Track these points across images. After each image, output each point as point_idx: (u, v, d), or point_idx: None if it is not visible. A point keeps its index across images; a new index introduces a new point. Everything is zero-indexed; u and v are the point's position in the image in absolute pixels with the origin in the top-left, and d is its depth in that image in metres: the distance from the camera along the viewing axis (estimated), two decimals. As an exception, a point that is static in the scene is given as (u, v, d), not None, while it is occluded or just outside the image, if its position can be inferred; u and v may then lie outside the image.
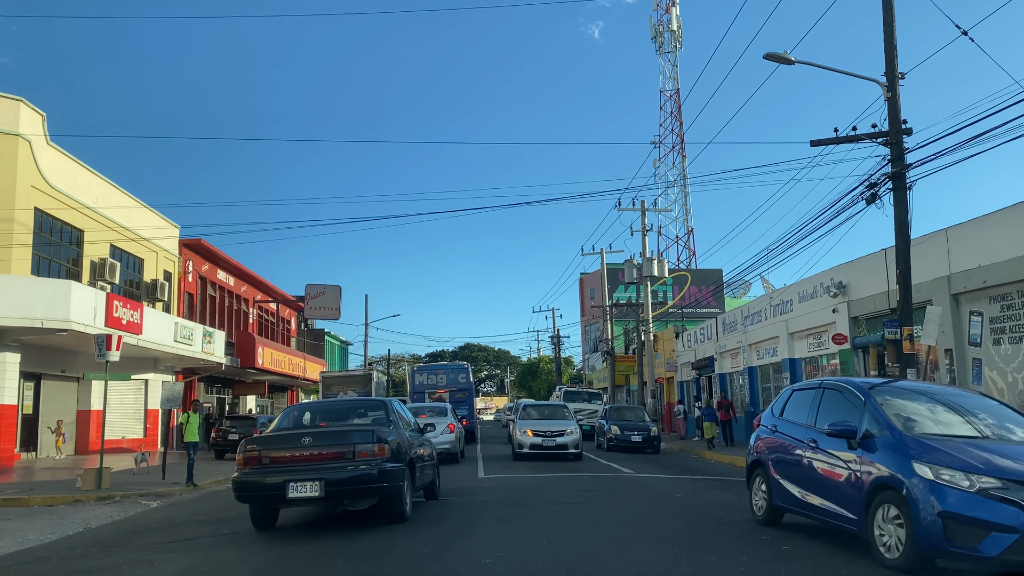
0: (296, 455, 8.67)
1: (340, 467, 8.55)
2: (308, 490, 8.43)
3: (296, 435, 9.03)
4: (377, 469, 8.56)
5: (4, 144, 20.39)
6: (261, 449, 8.83)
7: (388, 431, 9.29)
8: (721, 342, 30.81)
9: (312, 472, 8.49)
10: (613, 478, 15.30)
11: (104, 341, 16.13)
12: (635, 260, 35.98)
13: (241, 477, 8.80)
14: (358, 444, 8.66)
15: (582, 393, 37.02)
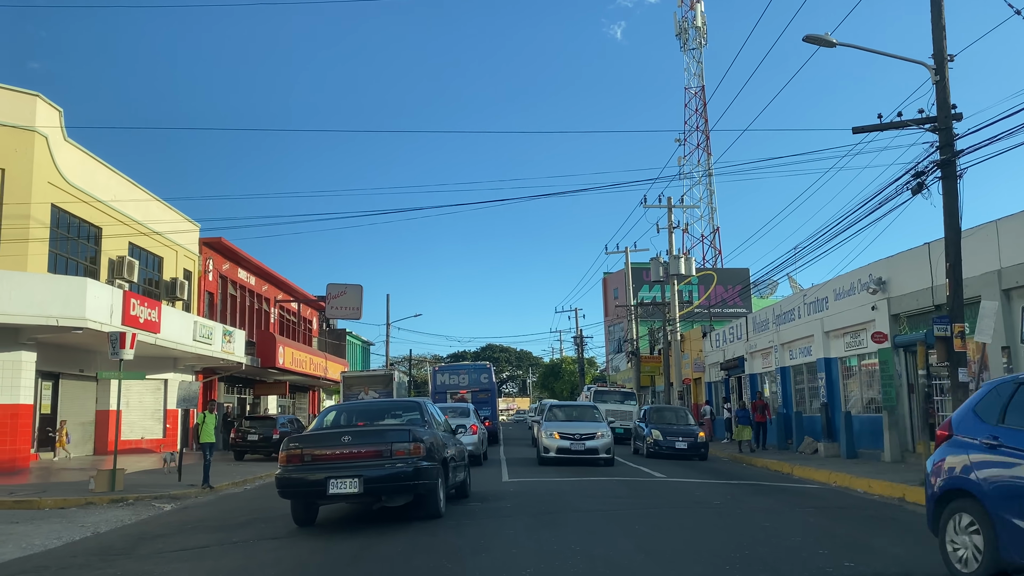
0: (336, 453, 9.01)
1: (378, 465, 8.89)
2: (348, 487, 8.75)
3: (336, 434, 9.37)
4: (413, 467, 8.91)
5: (21, 140, 20.07)
6: (303, 447, 9.17)
7: (423, 431, 9.58)
8: (751, 342, 29.92)
9: (351, 469, 8.84)
10: (644, 483, 14.58)
11: (118, 339, 15.70)
12: (661, 258, 35.15)
13: (284, 474, 9.13)
14: (395, 443, 9.02)
15: (614, 393, 34.29)
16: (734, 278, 61.63)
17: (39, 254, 20.42)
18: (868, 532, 8.97)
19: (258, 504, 13.23)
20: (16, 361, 19.24)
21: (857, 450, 20.76)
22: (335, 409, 11.07)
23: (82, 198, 22.36)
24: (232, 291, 35.44)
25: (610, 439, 18.77)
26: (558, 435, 18.37)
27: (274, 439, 25.55)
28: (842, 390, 22.67)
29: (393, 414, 10.85)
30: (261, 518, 11.00)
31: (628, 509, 10.61)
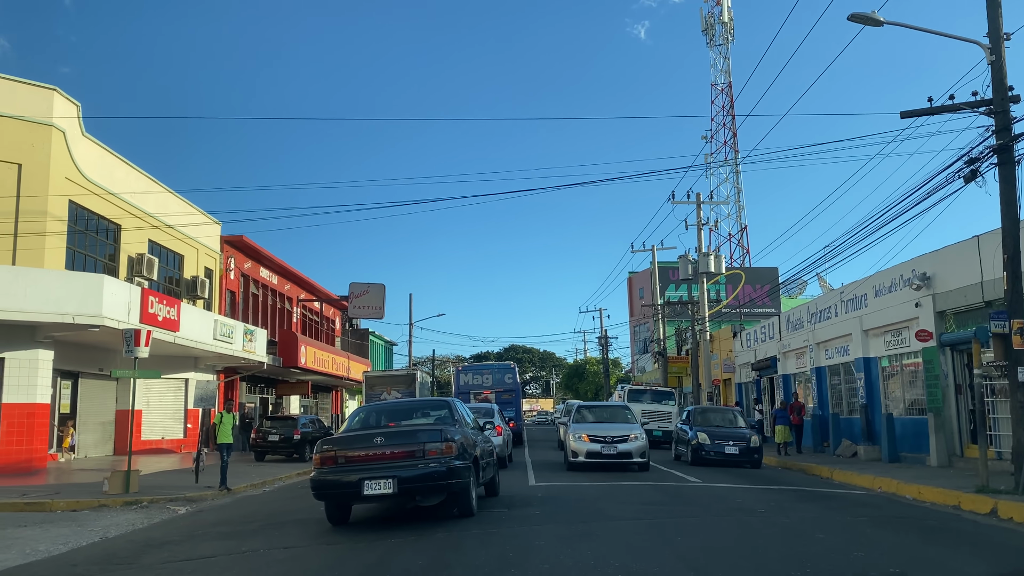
0: (370, 454, 9.12)
1: (411, 465, 9.00)
2: (382, 487, 8.86)
3: (369, 435, 9.43)
4: (446, 466, 9.02)
5: (38, 134, 19.74)
6: (337, 449, 9.28)
7: (454, 430, 9.65)
8: (785, 341, 28.97)
9: (385, 470, 8.95)
10: (678, 488, 13.80)
11: (132, 336, 15.24)
12: (690, 255, 34.24)
13: (319, 476, 9.24)
14: (427, 443, 9.11)
15: (650, 392, 31.04)
16: (762, 277, 60.47)
17: (56, 251, 20.08)
18: (937, 546, 8.17)
19: (275, 508, 12.67)
20: (32, 360, 18.90)
21: (900, 454, 19.81)
22: (365, 410, 11.12)
23: (100, 194, 22.03)
24: (254, 290, 35.10)
25: (644, 442, 17.35)
26: (587, 438, 17.04)
27: (295, 440, 25.09)
28: (882, 391, 21.71)
29: (423, 413, 10.94)
30: (276, 524, 10.42)
31: (667, 517, 9.86)
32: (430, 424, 10.16)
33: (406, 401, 14.82)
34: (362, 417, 10.78)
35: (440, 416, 10.66)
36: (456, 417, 10.63)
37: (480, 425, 12.36)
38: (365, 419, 10.68)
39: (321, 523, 10.12)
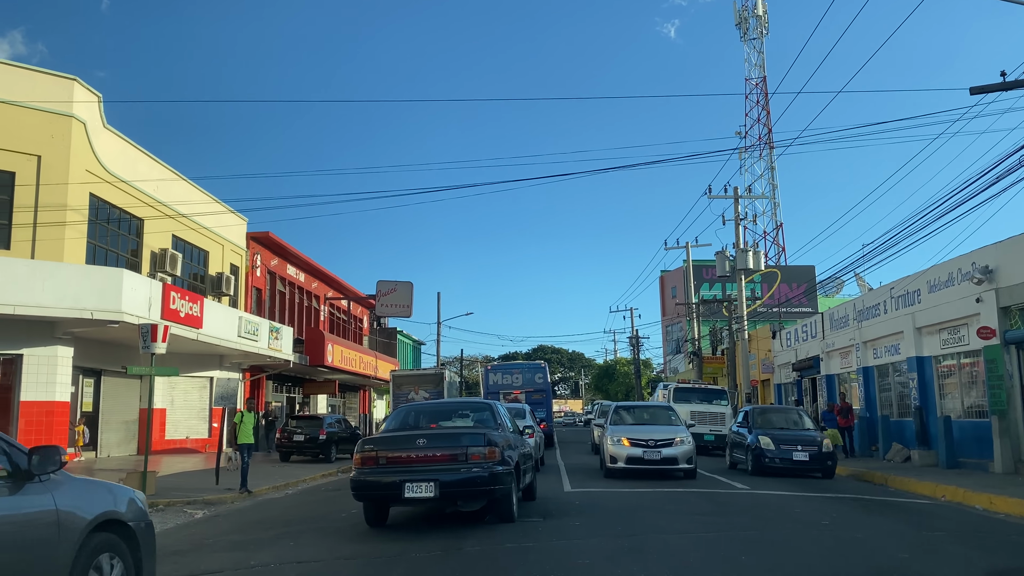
0: (411, 456, 8.93)
1: (454, 469, 8.82)
2: (423, 491, 8.68)
3: (411, 436, 9.28)
4: (488, 472, 8.82)
5: (57, 125, 19.26)
6: (378, 449, 9.12)
7: (497, 434, 9.48)
8: (828, 340, 27.69)
9: (426, 473, 8.76)
10: (728, 496, 12.79)
11: (149, 332, 14.61)
12: (728, 252, 33.04)
13: (359, 476, 9.07)
14: (470, 447, 8.93)
15: (700, 390, 27.73)
16: (799, 276, 58.92)
17: (76, 245, 19.58)
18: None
19: (295, 513, 11.90)
20: (52, 356, 18.42)
21: (958, 459, 18.53)
22: (404, 410, 10.99)
23: (122, 187, 21.52)
24: (281, 287, 34.58)
25: (691, 446, 15.72)
26: (627, 441, 15.54)
27: (320, 440, 24.46)
28: (937, 392, 20.43)
29: (463, 415, 10.79)
30: (293, 532, 9.63)
31: (722, 531, 8.88)
32: (473, 427, 9.96)
33: (447, 402, 14.52)
34: (402, 417, 10.65)
35: (481, 419, 10.44)
36: (498, 420, 10.40)
37: (520, 428, 11.99)
38: (404, 419, 10.55)
39: (340, 532, 9.35)
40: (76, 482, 4.87)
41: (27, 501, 4.34)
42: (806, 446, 16.69)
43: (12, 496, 4.28)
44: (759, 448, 16.84)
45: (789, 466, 16.52)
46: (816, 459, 16.55)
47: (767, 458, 16.62)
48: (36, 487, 4.45)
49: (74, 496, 4.69)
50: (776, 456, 16.57)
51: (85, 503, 4.75)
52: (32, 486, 4.43)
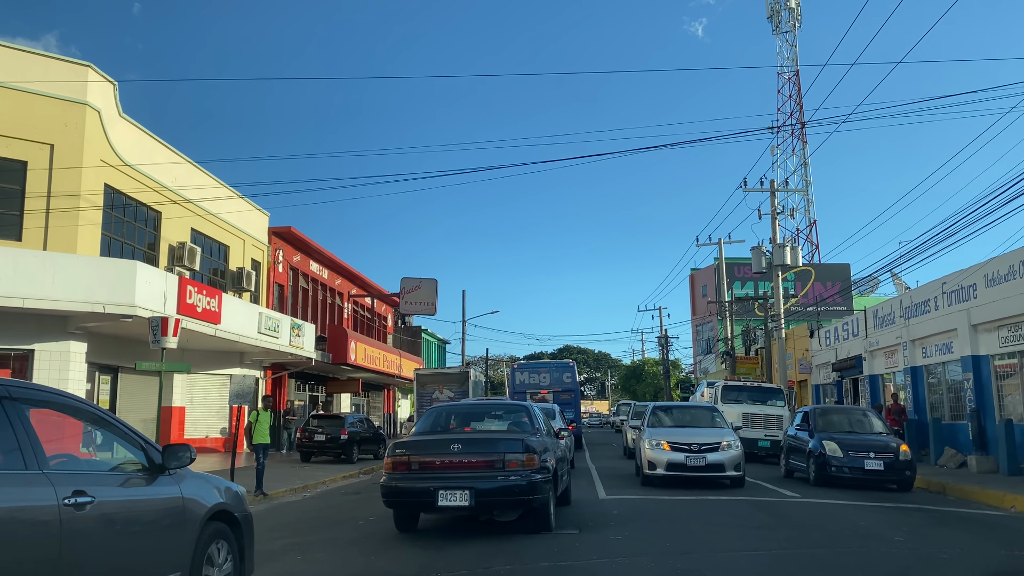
0: (445, 461, 8.56)
1: (490, 476, 8.41)
2: (458, 499, 8.30)
3: (445, 441, 8.89)
4: (526, 480, 8.40)
5: (70, 113, 18.62)
6: (411, 454, 8.71)
7: (535, 440, 9.02)
8: (872, 338, 26.36)
9: (461, 480, 8.39)
10: (782, 505, 11.70)
11: (159, 325, 13.90)
12: (764, 247, 31.79)
13: (390, 482, 8.69)
14: (507, 453, 8.51)
15: (750, 388, 24.33)
16: (833, 274, 57.39)
17: (91, 237, 18.94)
18: None
19: (309, 520, 11.04)
20: (64, 352, 17.76)
21: (1021, 465, 17.24)
22: (436, 411, 10.60)
23: (138, 178, 20.86)
24: (303, 284, 33.92)
25: (739, 451, 14.19)
26: (668, 445, 14.01)
27: (342, 440, 23.69)
28: (995, 393, 19.10)
29: (498, 417, 10.44)
30: (304, 542, 8.75)
31: (786, 548, 7.84)
32: (512, 433, 9.52)
33: (481, 403, 13.98)
34: (434, 419, 10.26)
35: (518, 421, 10.01)
36: (536, 425, 9.88)
37: (556, 431, 11.38)
38: (436, 421, 10.18)
39: (355, 544, 8.47)
40: (194, 476, 5.39)
41: (161, 491, 4.89)
42: (880, 453, 14.58)
43: (149, 486, 4.83)
44: (824, 455, 14.79)
45: (860, 476, 14.43)
46: (892, 468, 14.42)
47: (833, 467, 14.60)
48: (167, 479, 4.99)
49: (195, 488, 5.24)
50: (845, 464, 14.51)
51: (203, 495, 5.29)
52: (164, 478, 4.97)
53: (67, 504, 4.01)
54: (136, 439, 5.04)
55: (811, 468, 15.15)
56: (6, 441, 3.96)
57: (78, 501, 4.09)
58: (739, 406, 22.39)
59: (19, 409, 4.13)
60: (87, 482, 4.29)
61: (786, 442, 17.54)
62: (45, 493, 3.95)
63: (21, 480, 3.91)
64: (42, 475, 4.01)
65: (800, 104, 67.24)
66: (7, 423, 4.01)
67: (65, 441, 4.94)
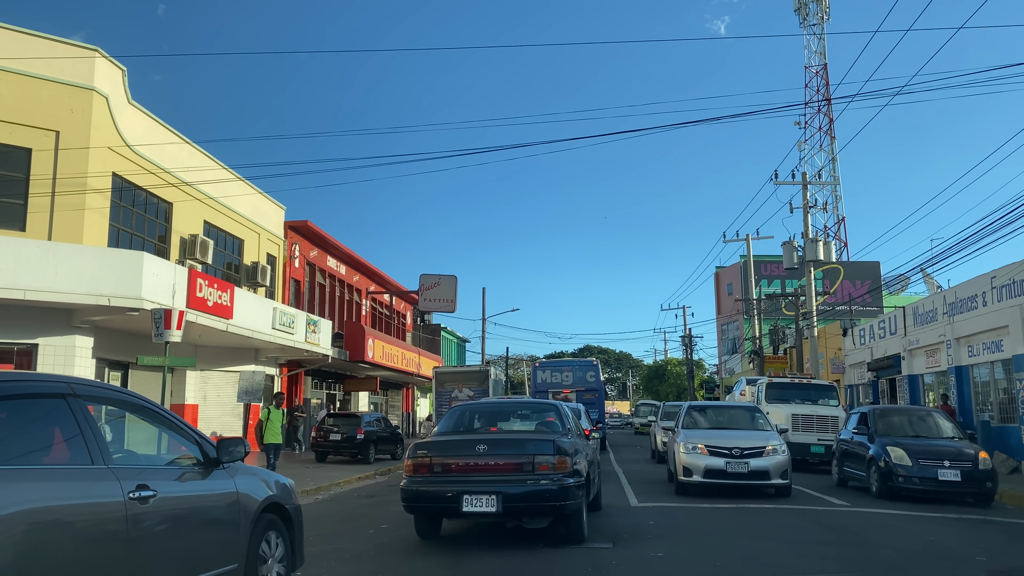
0: (470, 464, 8.02)
1: (519, 480, 7.83)
2: (484, 504, 7.77)
3: (469, 441, 8.35)
4: (558, 484, 7.80)
5: (77, 99, 17.93)
6: (433, 455, 8.18)
7: (566, 441, 8.39)
8: (911, 336, 25.14)
9: (488, 484, 7.84)
10: (836, 516, 10.62)
11: (162, 317, 13.14)
12: (795, 242, 30.58)
13: (411, 486, 8.14)
14: (537, 455, 7.92)
15: (798, 386, 21.16)
16: (863, 273, 55.88)
17: (98, 228, 18.25)
18: None
19: (316, 527, 10.14)
20: (69, 347, 17.07)
21: (1081, 472, 16.06)
22: (459, 410, 10.07)
23: (149, 168, 20.16)
24: (321, 280, 33.20)
25: (786, 457, 12.70)
26: (705, 449, 12.64)
27: (358, 439, 22.91)
28: (1051, 395, 17.90)
29: (525, 417, 9.82)
30: (307, 556, 7.86)
31: (853, 570, 6.83)
32: (541, 433, 8.89)
33: (507, 401, 13.31)
34: (456, 418, 9.72)
35: (547, 421, 9.35)
36: (567, 425, 9.26)
37: (585, 432, 10.73)
38: (459, 420, 9.62)
39: (361, 557, 7.63)
40: (246, 470, 5.45)
41: (217, 484, 4.98)
42: (955, 461, 12.67)
43: (205, 480, 4.93)
44: (889, 464, 12.91)
45: (933, 488, 12.58)
46: (971, 479, 12.49)
47: (900, 476, 12.76)
48: (221, 473, 5.08)
49: (248, 482, 5.31)
50: (914, 475, 12.68)
51: (255, 488, 5.36)
52: (218, 472, 5.06)
53: (132, 498, 4.11)
54: (191, 434, 5.10)
55: (873, 478, 13.36)
56: (73, 438, 4.05)
57: (142, 495, 4.18)
58: (787, 406, 19.63)
59: (82, 406, 4.19)
60: (149, 476, 4.39)
61: (839, 447, 15.66)
62: (112, 487, 4.04)
63: (89, 475, 4.00)
64: (108, 470, 4.10)
65: (828, 98, 65.66)
66: (73, 420, 4.08)
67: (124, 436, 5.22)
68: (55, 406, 4.07)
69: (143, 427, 5.01)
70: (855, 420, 15.34)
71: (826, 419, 19.08)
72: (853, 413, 15.40)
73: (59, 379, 4.26)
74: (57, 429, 4.06)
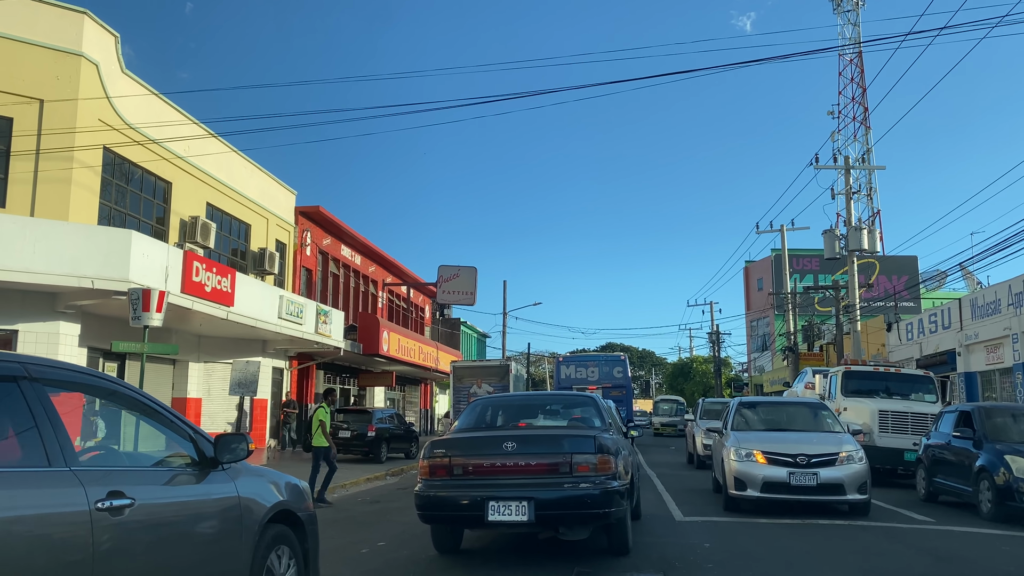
0: (496, 465, 6.96)
1: (555, 484, 6.77)
2: (513, 512, 6.69)
3: (496, 438, 7.25)
4: (600, 489, 6.74)
5: (63, 65, 16.53)
6: (452, 455, 7.15)
7: (609, 438, 7.32)
8: (968, 331, 23.18)
9: (518, 489, 6.78)
10: (924, 536, 8.84)
11: (140, 298, 11.65)
12: (837, 230, 28.62)
13: (427, 491, 7.07)
14: (576, 454, 6.85)
15: (887, 376, 17.12)
16: (900, 267, 53.64)
17: (87, 206, 16.83)
18: None
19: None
20: (52, 333, 15.67)
21: None
22: (481, 403, 8.94)
23: (145, 144, 18.72)
24: (334, 269, 31.74)
25: (864, 466, 10.35)
26: (763, 457, 10.35)
27: (369, 437, 21.46)
28: None
29: (557, 411, 8.62)
30: None
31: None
32: (579, 428, 7.70)
33: (537, 394, 11.97)
34: (478, 412, 8.61)
35: (584, 416, 8.08)
36: (608, 420, 8.04)
37: (624, 429, 9.33)
38: (481, 415, 8.48)
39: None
40: (250, 471, 4.68)
41: (214, 489, 4.22)
42: None
43: (200, 484, 4.15)
44: (1010, 477, 10.12)
45: None
46: None
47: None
48: (220, 475, 4.33)
49: (253, 485, 4.55)
50: None
51: (261, 493, 4.60)
52: (216, 474, 4.31)
53: (100, 508, 3.39)
54: (184, 428, 4.38)
55: (984, 494, 10.72)
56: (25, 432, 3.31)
57: (114, 504, 3.47)
58: (870, 401, 15.87)
59: (40, 392, 3.42)
60: (126, 480, 3.67)
61: (927, 453, 12.84)
62: (73, 495, 3.31)
63: (43, 480, 3.26)
64: (69, 473, 3.37)
65: (863, 87, 63.31)
66: (26, 409, 3.32)
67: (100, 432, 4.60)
68: (3, 392, 3.28)
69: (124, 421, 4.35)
70: (951, 420, 12.55)
71: (924, 418, 15.06)
72: (947, 412, 12.81)
73: (10, 358, 3.44)
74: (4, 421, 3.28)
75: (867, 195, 60.93)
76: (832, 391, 16.90)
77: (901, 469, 14.97)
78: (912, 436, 14.70)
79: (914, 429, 14.83)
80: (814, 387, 18.22)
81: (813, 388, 18.34)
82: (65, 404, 3.61)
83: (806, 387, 19.44)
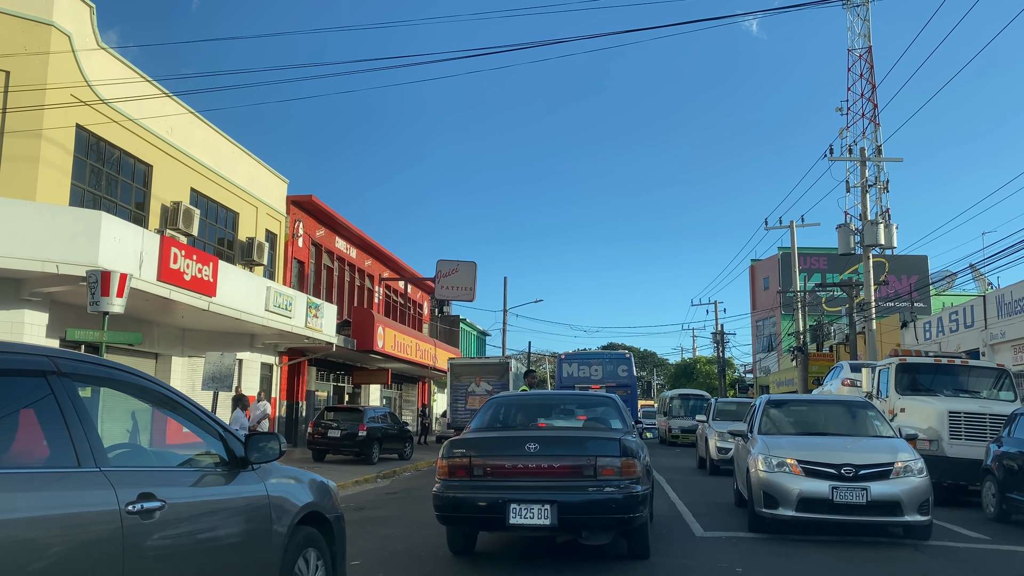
0: (518, 466, 6.71)
1: (579, 487, 6.53)
2: (536, 516, 6.45)
3: (517, 439, 7.03)
4: (624, 493, 6.49)
5: (32, 35, 15.39)
6: (473, 455, 6.89)
7: (632, 440, 7.00)
8: (994, 329, 22.04)
9: (541, 491, 6.53)
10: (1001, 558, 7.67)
11: (99, 282, 10.49)
12: (852, 224, 27.51)
13: (446, 492, 6.83)
14: (600, 457, 6.59)
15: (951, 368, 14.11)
16: (909, 267, 52.54)
17: (57, 187, 15.69)
18: None
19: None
20: (17, 323, 14.52)
21: None
22: (496, 402, 8.70)
23: (123, 123, 17.59)
24: (328, 262, 30.60)
25: (924, 481, 8.49)
26: (798, 467, 8.52)
27: (359, 437, 20.33)
28: None
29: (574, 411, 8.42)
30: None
31: None
32: (602, 430, 7.58)
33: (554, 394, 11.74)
34: (493, 412, 8.36)
35: (604, 417, 7.91)
36: (627, 422, 7.82)
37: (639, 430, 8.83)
38: (496, 415, 8.25)
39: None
40: (279, 470, 4.55)
41: (244, 490, 4.10)
42: None
43: (229, 485, 4.03)
44: None
45: None
46: None
47: None
48: (250, 476, 4.20)
49: (283, 486, 4.43)
50: None
51: (291, 493, 4.47)
52: (246, 475, 4.18)
53: (131, 511, 3.21)
54: (213, 427, 4.14)
55: None
56: (54, 430, 3.11)
57: (145, 507, 3.28)
58: (936, 400, 12.87)
59: (70, 387, 3.19)
60: (156, 481, 3.48)
61: (997, 463, 10.57)
62: (104, 497, 3.13)
63: (74, 481, 3.07)
64: (100, 474, 3.18)
65: (873, 83, 62.07)
66: (55, 406, 3.09)
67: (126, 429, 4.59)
68: (31, 387, 3.09)
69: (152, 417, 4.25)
70: None
71: (994, 418, 12.09)
72: (1021, 413, 10.59)
73: (39, 351, 3.26)
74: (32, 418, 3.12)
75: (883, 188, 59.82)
76: (883, 388, 14.13)
77: (975, 485, 11.95)
78: (988, 443, 11.69)
79: (993, 434, 11.82)
80: (853, 383, 16.03)
81: (852, 385, 16.17)
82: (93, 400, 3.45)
83: (843, 384, 17.14)
